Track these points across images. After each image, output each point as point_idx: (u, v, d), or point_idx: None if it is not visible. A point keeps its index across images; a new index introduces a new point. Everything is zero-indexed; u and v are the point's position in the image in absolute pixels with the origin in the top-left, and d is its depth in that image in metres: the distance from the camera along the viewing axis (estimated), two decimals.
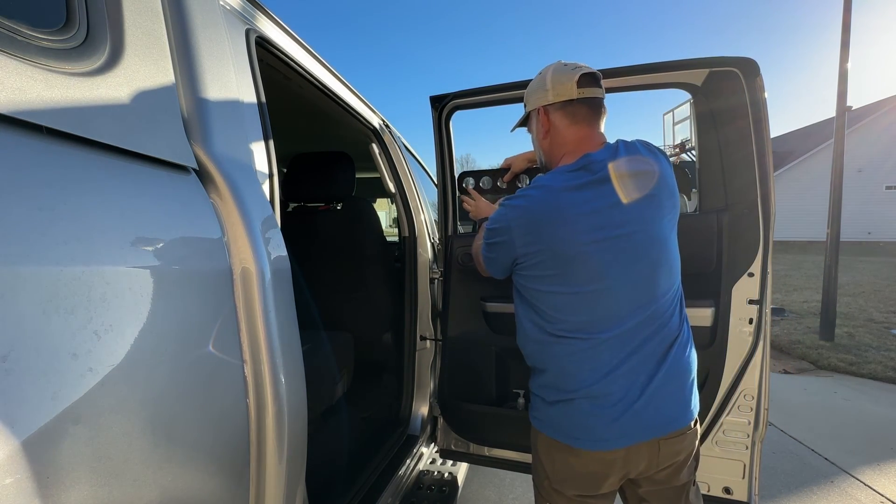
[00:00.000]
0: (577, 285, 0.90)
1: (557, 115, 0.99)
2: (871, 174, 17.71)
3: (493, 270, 1.06)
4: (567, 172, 0.93)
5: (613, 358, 0.89)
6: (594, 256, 0.89)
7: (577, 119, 0.97)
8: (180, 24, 0.67)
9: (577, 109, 0.96)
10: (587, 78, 0.96)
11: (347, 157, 1.82)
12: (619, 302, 0.89)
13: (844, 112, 4.87)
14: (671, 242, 0.94)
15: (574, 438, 0.91)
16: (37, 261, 0.40)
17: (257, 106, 0.82)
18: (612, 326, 0.89)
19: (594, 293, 0.90)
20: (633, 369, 0.88)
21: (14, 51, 0.44)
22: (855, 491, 2.17)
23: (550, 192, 0.92)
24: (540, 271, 0.94)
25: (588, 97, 0.96)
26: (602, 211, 0.89)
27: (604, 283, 0.89)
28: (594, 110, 0.98)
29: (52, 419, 0.39)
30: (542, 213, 0.92)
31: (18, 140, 0.42)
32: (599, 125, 0.99)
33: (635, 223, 0.90)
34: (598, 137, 0.98)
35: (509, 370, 1.59)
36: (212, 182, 0.65)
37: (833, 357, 4.22)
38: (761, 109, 1.22)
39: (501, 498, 2.14)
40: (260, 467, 0.66)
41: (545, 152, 1.05)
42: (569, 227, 0.89)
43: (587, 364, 0.90)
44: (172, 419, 0.52)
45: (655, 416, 0.88)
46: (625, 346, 0.89)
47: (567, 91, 0.96)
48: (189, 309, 0.56)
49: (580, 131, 0.97)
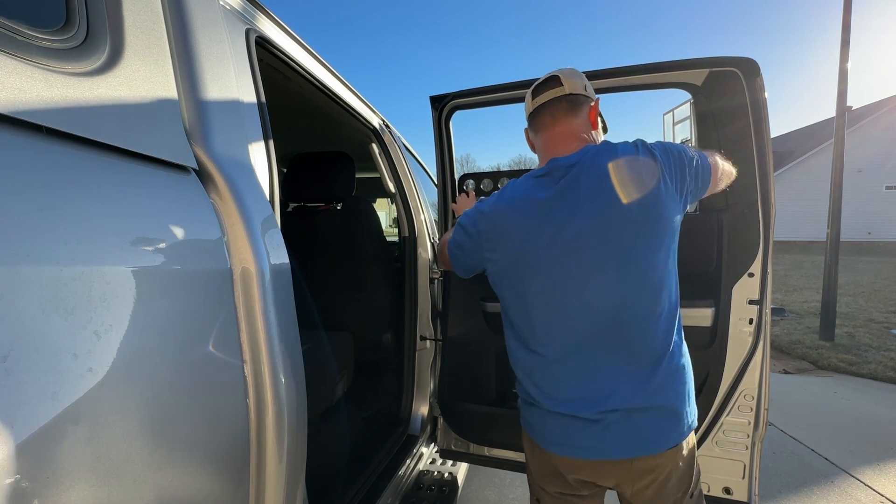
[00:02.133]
0: (533, 296, 0.89)
1: (529, 131, 1.03)
2: (871, 174, 17.71)
3: (456, 267, 1.08)
4: (532, 178, 0.94)
5: (573, 374, 0.87)
6: (548, 267, 0.87)
7: (538, 127, 0.99)
8: (180, 24, 0.67)
9: (535, 119, 0.99)
10: (540, 86, 0.97)
11: (347, 157, 1.82)
12: (576, 317, 0.86)
13: (844, 112, 4.87)
14: (643, 255, 0.85)
15: (541, 439, 0.94)
16: (37, 261, 0.40)
17: (257, 106, 0.82)
18: (570, 342, 0.87)
19: (550, 307, 0.88)
20: (600, 389, 0.85)
21: (14, 51, 0.44)
22: (855, 491, 2.17)
23: (515, 196, 0.93)
24: (501, 278, 0.96)
25: (543, 103, 0.96)
26: (558, 219, 0.86)
27: (558, 295, 0.87)
28: (552, 115, 0.95)
29: (52, 419, 0.39)
30: (503, 219, 0.92)
31: (18, 140, 0.42)
32: (565, 126, 0.94)
33: (595, 233, 0.84)
34: (565, 138, 0.94)
35: (509, 370, 1.58)
36: (212, 182, 0.65)
37: (833, 357, 4.22)
38: (761, 109, 1.22)
39: (501, 498, 2.14)
40: (260, 467, 0.66)
41: None
42: (525, 235, 0.89)
43: (547, 377, 0.90)
44: (172, 419, 0.52)
45: (621, 439, 0.84)
46: (587, 364, 0.86)
47: (528, 106, 1.00)
48: (189, 309, 0.56)
49: (542, 137, 0.98)
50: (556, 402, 0.89)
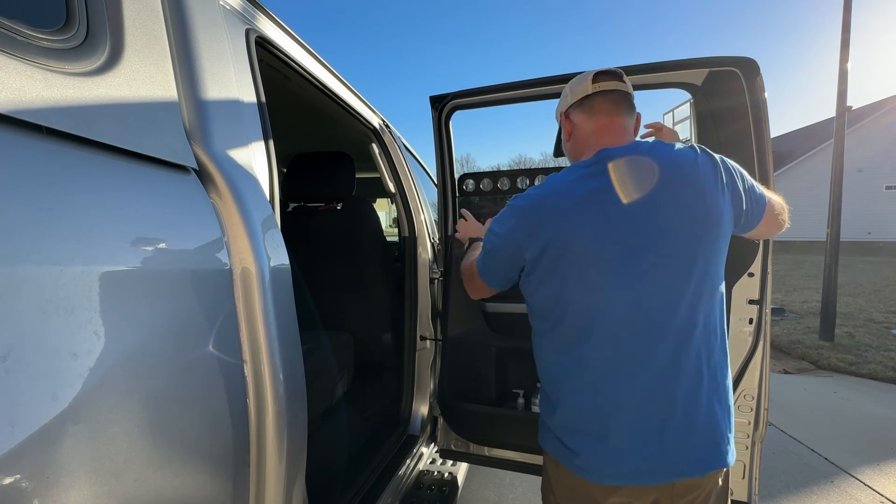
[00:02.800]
0: (576, 291, 0.83)
1: (575, 112, 0.96)
2: (871, 174, 17.71)
3: (491, 280, 1.01)
4: (580, 168, 0.88)
5: (613, 384, 0.81)
6: (594, 261, 0.81)
7: (594, 111, 0.93)
8: (180, 24, 0.67)
9: (593, 102, 0.93)
10: (603, 74, 0.94)
11: (347, 157, 1.82)
12: (622, 320, 0.81)
13: (844, 112, 4.87)
14: (699, 258, 0.81)
15: (576, 465, 0.85)
16: (37, 261, 0.40)
17: (257, 106, 0.82)
18: (610, 346, 0.82)
19: (592, 305, 0.82)
20: (647, 406, 0.80)
21: (14, 51, 0.44)
22: (855, 491, 2.17)
23: (558, 187, 0.88)
24: (539, 275, 0.88)
25: (604, 90, 0.92)
26: (608, 211, 0.82)
27: (602, 293, 0.82)
28: (614, 102, 0.92)
29: (52, 419, 0.39)
30: (547, 208, 0.86)
31: (18, 140, 0.42)
32: (623, 119, 0.92)
33: (650, 229, 0.80)
34: (620, 131, 0.91)
35: (509, 370, 1.59)
36: (212, 182, 0.64)
37: (833, 357, 4.22)
38: (761, 109, 1.21)
39: (501, 498, 2.14)
40: (260, 467, 0.66)
41: (570, 155, 1.01)
42: (571, 224, 0.83)
43: (586, 391, 0.84)
44: (172, 419, 0.52)
45: (669, 461, 0.79)
46: (634, 376, 0.80)
47: (583, 89, 0.94)
48: (189, 309, 0.56)
49: (597, 122, 0.93)
50: (597, 424, 0.83)
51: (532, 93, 1.49)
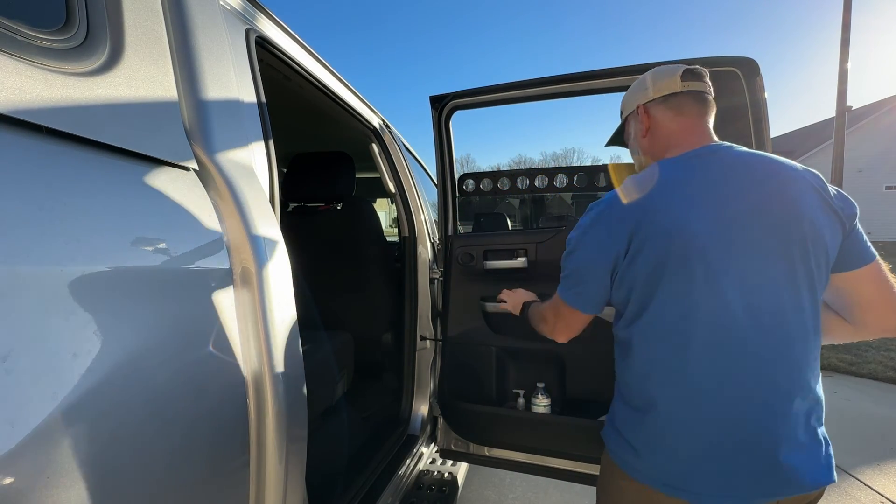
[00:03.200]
0: (681, 293, 0.76)
1: (659, 109, 0.91)
2: (871, 174, 17.72)
3: (589, 304, 0.89)
4: (672, 162, 0.84)
5: (727, 397, 0.74)
6: (700, 260, 0.75)
7: (683, 110, 0.88)
8: (180, 24, 0.67)
9: (682, 101, 0.89)
10: (690, 73, 0.89)
11: (347, 157, 1.82)
12: (728, 323, 0.74)
13: (844, 112, 4.88)
14: (803, 261, 0.75)
15: (667, 484, 0.77)
16: (37, 261, 0.40)
17: (257, 106, 0.82)
18: (720, 353, 0.74)
19: (699, 309, 0.75)
20: (758, 418, 0.73)
21: (14, 51, 0.44)
22: (855, 491, 2.17)
23: (652, 176, 0.82)
24: (633, 276, 0.80)
25: (693, 90, 0.88)
26: (710, 208, 0.76)
27: (711, 296, 0.75)
28: (701, 104, 0.89)
29: (52, 419, 0.39)
30: (644, 193, 0.80)
31: (18, 140, 0.42)
32: (708, 121, 0.89)
33: (748, 229, 0.75)
34: (707, 133, 0.88)
35: (509, 370, 1.59)
36: (212, 182, 0.64)
37: (833, 357, 4.21)
38: (761, 109, 1.21)
39: (501, 498, 2.14)
40: (260, 467, 0.66)
41: (645, 151, 0.96)
42: (672, 221, 0.77)
43: (689, 401, 0.76)
44: (172, 419, 0.51)
45: (778, 479, 0.73)
46: (733, 364, 0.74)
47: (669, 85, 0.89)
48: (189, 309, 0.56)
49: (686, 122, 0.88)
50: (702, 439, 0.75)
51: (532, 93, 1.49)
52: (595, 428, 1.36)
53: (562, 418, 1.43)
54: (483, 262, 1.55)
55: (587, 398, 1.48)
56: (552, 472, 1.47)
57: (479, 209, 5.23)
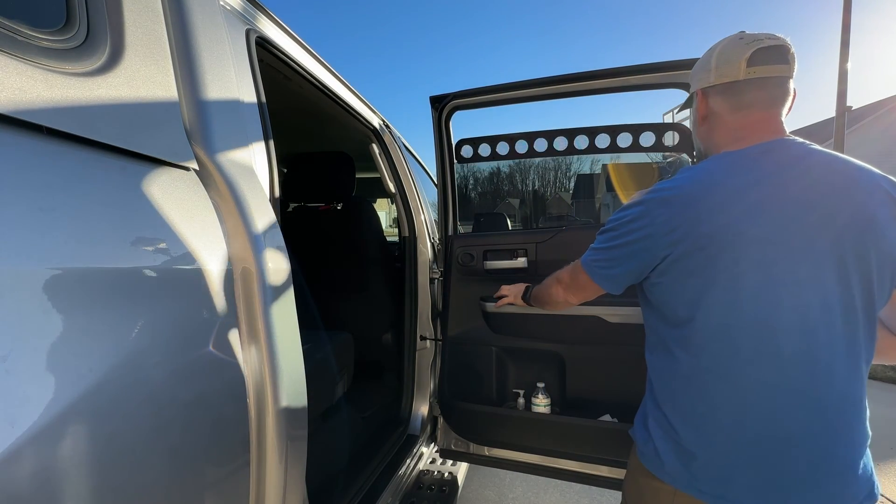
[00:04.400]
0: (733, 296, 0.72)
1: (717, 99, 0.81)
2: None
3: (613, 283, 0.86)
4: (733, 158, 0.77)
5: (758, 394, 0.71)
6: (757, 263, 0.70)
7: (743, 104, 0.78)
8: (180, 24, 0.67)
9: (743, 92, 0.77)
10: (764, 53, 0.75)
11: (347, 158, 1.83)
12: (783, 330, 0.70)
13: (844, 112, 4.88)
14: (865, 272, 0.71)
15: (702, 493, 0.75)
16: (37, 261, 0.40)
17: (257, 106, 0.82)
18: (772, 362, 0.71)
19: (751, 314, 0.71)
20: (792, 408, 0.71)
21: (14, 51, 0.44)
22: None
23: (708, 173, 0.76)
24: (680, 275, 0.76)
25: (760, 77, 0.76)
26: (773, 208, 0.71)
27: (765, 302, 0.71)
28: (770, 93, 0.76)
29: (52, 419, 0.39)
30: (698, 193, 0.74)
31: (18, 140, 0.42)
32: (780, 113, 0.78)
33: (814, 235, 0.70)
34: (776, 126, 0.77)
35: (509, 370, 1.59)
36: (212, 182, 0.65)
37: None
38: None
39: (501, 498, 2.14)
40: (260, 467, 0.66)
41: (702, 141, 0.88)
42: (730, 219, 0.71)
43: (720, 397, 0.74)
44: (172, 419, 0.52)
45: (815, 486, 0.72)
46: (781, 375, 0.71)
47: (732, 71, 0.78)
48: (189, 309, 0.56)
49: (747, 118, 0.78)
50: (745, 447, 0.73)
51: (532, 93, 1.49)
52: (595, 428, 1.36)
53: (562, 418, 1.43)
54: (483, 262, 1.55)
55: (587, 398, 1.48)
56: (552, 471, 1.48)
57: (479, 209, 5.22)
